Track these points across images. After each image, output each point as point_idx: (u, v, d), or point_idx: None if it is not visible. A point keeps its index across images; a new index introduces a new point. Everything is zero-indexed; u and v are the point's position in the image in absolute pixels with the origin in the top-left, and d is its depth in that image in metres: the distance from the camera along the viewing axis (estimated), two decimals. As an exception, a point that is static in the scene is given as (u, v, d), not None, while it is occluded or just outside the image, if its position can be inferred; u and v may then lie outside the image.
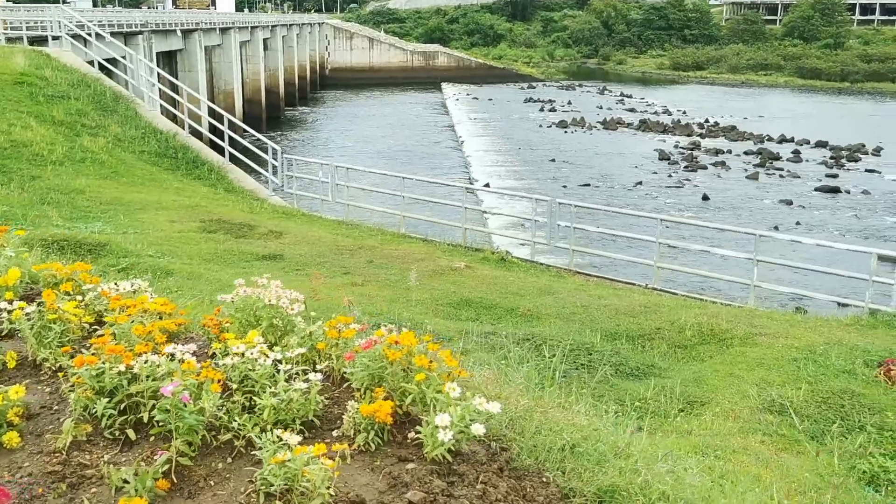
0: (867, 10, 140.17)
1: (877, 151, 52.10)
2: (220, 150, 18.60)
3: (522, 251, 18.04)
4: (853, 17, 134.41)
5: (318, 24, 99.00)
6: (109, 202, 13.23)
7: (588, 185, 40.90)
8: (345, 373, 2.80)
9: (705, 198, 37.89)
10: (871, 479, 5.45)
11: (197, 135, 19.61)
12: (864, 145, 53.26)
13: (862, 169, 46.83)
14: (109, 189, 14.03)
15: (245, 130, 20.63)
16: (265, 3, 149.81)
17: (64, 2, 79.71)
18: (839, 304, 12.31)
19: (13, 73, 18.27)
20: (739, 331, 8.98)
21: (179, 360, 2.58)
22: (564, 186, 40.21)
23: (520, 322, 9.73)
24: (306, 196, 18.18)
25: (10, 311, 2.90)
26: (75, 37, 23.03)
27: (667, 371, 7.92)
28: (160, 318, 2.97)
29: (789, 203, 37.43)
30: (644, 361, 8.12)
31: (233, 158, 18.64)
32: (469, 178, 42.89)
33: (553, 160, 48.13)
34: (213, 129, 20.11)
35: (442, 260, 12.56)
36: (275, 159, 17.49)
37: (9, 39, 24.58)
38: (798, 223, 33.60)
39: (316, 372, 2.63)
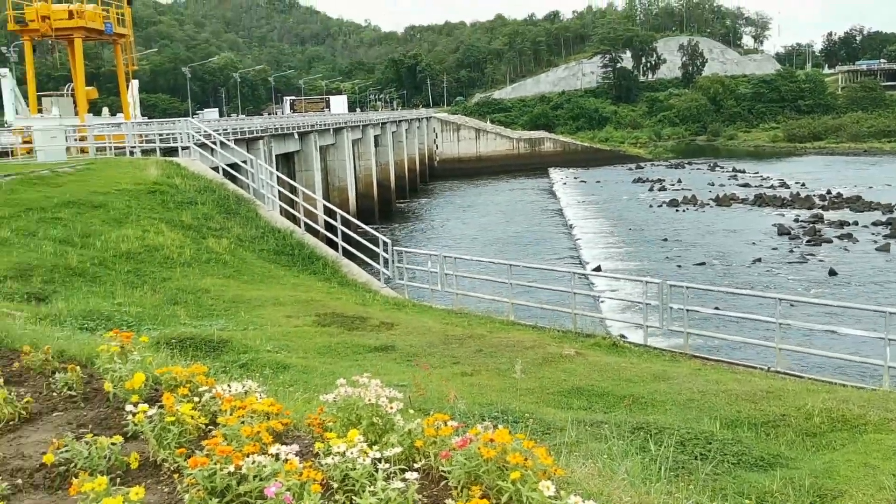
0: None
1: None
2: (334, 245, 19.30)
3: (635, 335, 17.65)
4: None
5: (426, 118, 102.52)
6: (231, 300, 13.88)
7: (703, 263, 39.85)
8: (442, 471, 2.84)
9: (832, 273, 36.17)
10: None
11: (312, 231, 20.47)
12: None
13: None
14: (232, 287, 14.75)
15: (358, 225, 21.37)
16: (376, 101, 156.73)
17: (195, 114, 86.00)
18: None
19: (147, 183, 19.77)
20: (873, 416, 8.42)
21: (283, 461, 2.69)
22: (679, 266, 39.32)
23: (634, 410, 9.47)
24: (416, 286, 18.52)
25: (134, 414, 3.12)
26: (202, 146, 24.75)
27: (794, 461, 7.49)
28: (268, 419, 3.11)
29: (926, 275, 35.25)
30: (768, 451, 7.71)
31: (346, 252, 19.27)
32: (580, 262, 42.61)
33: (665, 240, 47.31)
34: (327, 225, 20.96)
35: (552, 347, 12.43)
36: (385, 251, 17.98)
37: (144, 151, 26.68)
38: (937, 297, 31.50)
39: (414, 470, 2.68)
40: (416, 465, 2.85)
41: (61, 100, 35.73)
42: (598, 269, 38.50)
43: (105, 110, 40.25)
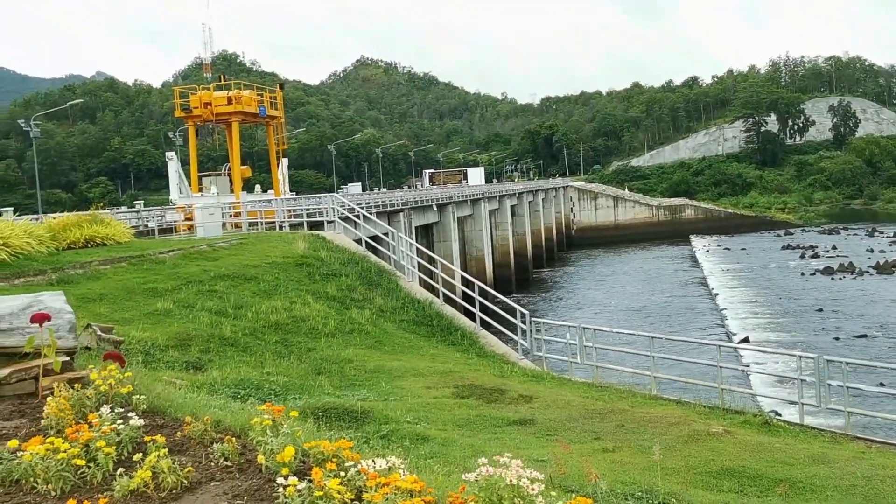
0: None
1: None
2: (472, 316, 19.45)
3: (789, 412, 16.63)
4: None
5: (563, 187, 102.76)
6: (373, 370, 14.20)
7: (864, 336, 37.29)
8: (585, 557, 2.77)
9: None
10: None
11: (450, 302, 20.75)
12: None
13: None
14: (373, 358, 15.10)
15: (494, 296, 21.48)
16: (512, 172, 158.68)
17: (339, 188, 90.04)
18: None
19: (295, 256, 20.76)
20: None
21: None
22: (836, 339, 36.98)
23: (791, 496, 8.89)
24: (555, 358, 18.29)
25: (285, 487, 3.25)
26: (346, 219, 25.83)
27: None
28: (411, 496, 3.16)
29: None
30: (946, 546, 7.02)
31: (484, 323, 19.37)
32: (726, 333, 40.86)
33: (820, 310, 44.70)
34: (465, 295, 21.20)
35: (697, 423, 11.89)
36: (523, 322, 17.93)
37: (292, 226, 28.13)
38: None
39: (556, 556, 2.64)
40: (558, 551, 2.80)
41: (219, 178, 38.40)
42: (745, 340, 36.76)
43: (257, 187, 42.90)
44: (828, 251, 71.79)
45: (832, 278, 56.69)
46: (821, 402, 12.98)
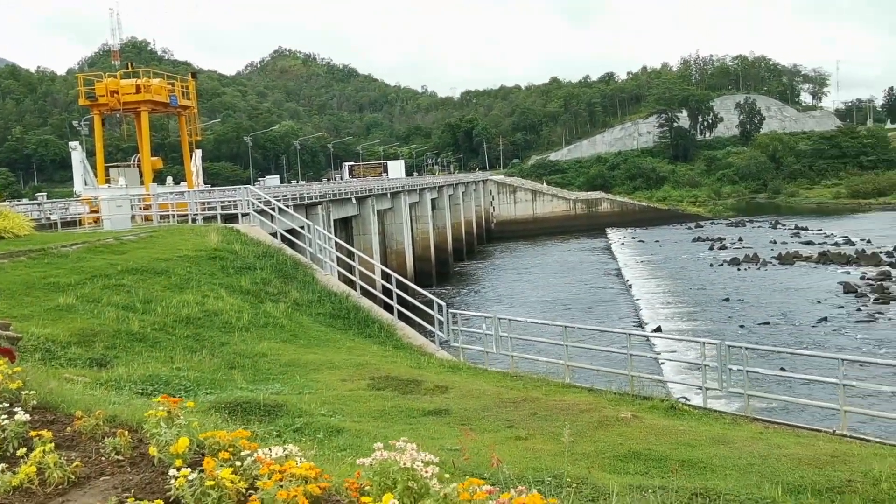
0: None
1: None
2: (391, 309, 19.45)
3: (697, 398, 17.21)
4: None
5: (482, 181, 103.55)
6: (287, 364, 14.04)
7: (767, 323, 38.89)
8: (475, 537, 2.82)
9: (902, 331, 34.92)
10: None
11: (369, 295, 20.67)
12: None
13: None
14: (288, 351, 14.93)
15: (415, 289, 21.52)
16: (433, 165, 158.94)
17: (256, 181, 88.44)
18: None
19: (208, 250, 20.32)
20: (946, 483, 8.04)
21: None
22: (741, 326, 38.44)
23: (692, 475, 9.21)
24: (472, 349, 18.45)
25: (175, 478, 3.19)
26: (261, 212, 25.42)
27: (861, 530, 7.18)
28: (306, 483, 3.15)
29: None
30: (833, 519, 7.41)
31: (402, 316, 19.38)
32: (639, 323, 41.98)
33: (727, 299, 46.38)
34: (384, 289, 21.18)
35: (608, 410, 12.20)
36: (440, 314, 18.02)
37: (206, 219, 27.51)
38: None
39: (446, 536, 2.67)
40: (449, 531, 2.84)
41: (128, 170, 37.22)
42: (657, 329, 37.86)
43: (169, 179, 41.75)
44: (735, 243, 74.51)
45: (738, 269, 58.87)
46: (723, 386, 13.49)
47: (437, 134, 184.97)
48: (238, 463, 3.41)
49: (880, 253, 59.81)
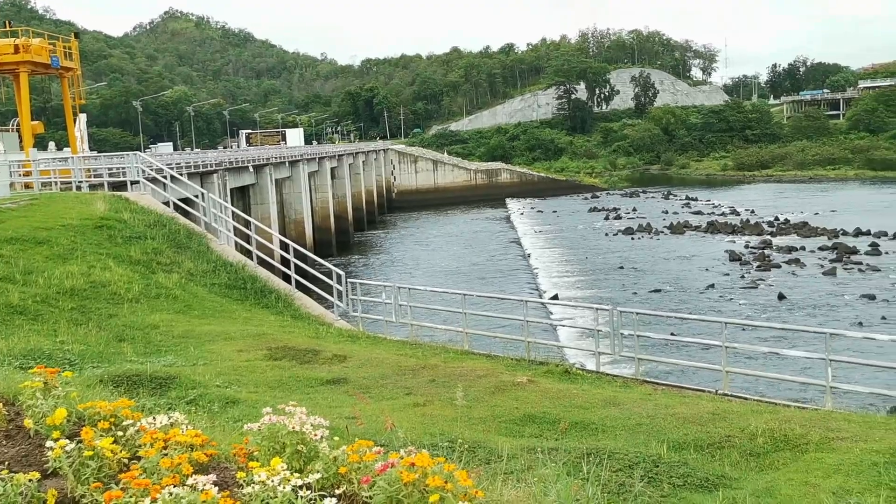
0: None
1: (961, 239, 50.27)
2: (289, 279, 19.18)
3: (591, 362, 17.76)
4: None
5: (383, 150, 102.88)
6: (181, 335, 13.67)
7: (658, 290, 40.37)
8: (364, 497, 2.82)
9: (781, 297, 36.91)
10: None
11: (268, 265, 20.31)
12: (946, 233, 51.54)
13: (946, 258, 45.10)
14: (181, 323, 14.53)
15: (314, 259, 21.26)
16: (332, 134, 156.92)
17: (147, 148, 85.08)
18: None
19: (94, 218, 19.44)
20: (814, 436, 8.57)
21: (200, 491, 2.65)
22: (634, 294, 39.77)
23: (585, 436, 9.51)
24: (371, 318, 18.44)
25: (52, 450, 3.05)
26: (153, 180, 24.48)
27: (738, 481, 7.58)
28: (192, 450, 3.07)
29: (872, 298, 36.10)
30: (713, 472, 7.79)
31: (301, 286, 19.15)
32: (537, 291, 42.86)
33: (621, 267, 47.86)
34: (282, 259, 20.84)
35: (504, 375, 12.44)
36: (339, 284, 17.90)
37: (91, 186, 26.29)
38: (884, 318, 32.26)
39: (334, 496, 2.66)
40: (337, 492, 2.83)
41: (6, 134, 35.15)
42: (554, 297, 38.76)
43: (51, 145, 39.68)
44: (629, 213, 76.81)
45: (632, 238, 60.79)
46: (615, 350, 13.97)
47: (337, 102, 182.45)
48: (120, 433, 3.29)
49: (763, 223, 62.91)
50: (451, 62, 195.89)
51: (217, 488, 2.69)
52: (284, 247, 20.51)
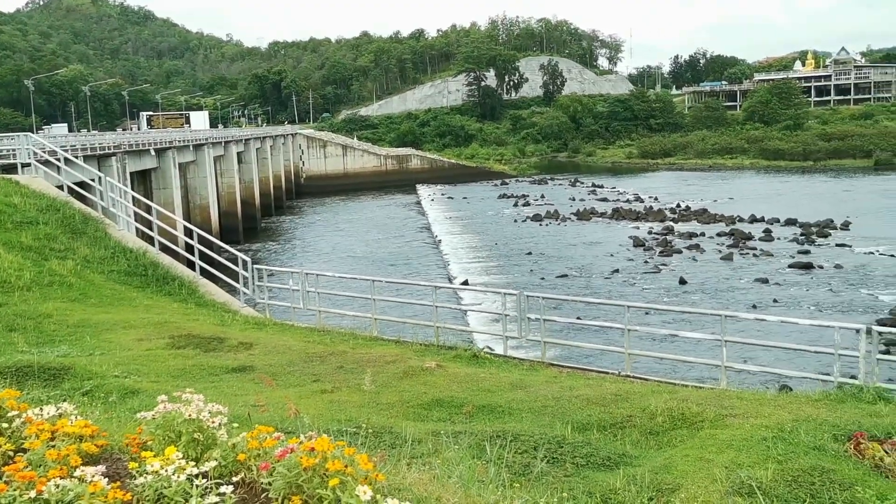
0: (822, 91, 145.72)
1: (845, 226, 53.19)
2: (193, 266, 18.66)
3: (499, 346, 17.99)
4: (809, 99, 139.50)
5: (292, 135, 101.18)
6: (76, 324, 13.13)
7: (566, 275, 41.22)
8: (264, 484, 2.77)
9: (682, 281, 38.24)
10: (842, 558, 5.36)
11: (169, 251, 19.69)
12: (832, 221, 54.38)
13: (832, 244, 47.65)
14: (77, 311, 13.96)
15: (219, 245, 20.75)
16: (239, 118, 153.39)
17: (40, 129, 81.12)
18: (822, 380, 12.27)
19: (-20, 203, 18.44)
20: (710, 413, 8.92)
21: (88, 483, 2.55)
22: (542, 279, 40.49)
23: (492, 419, 9.63)
24: (278, 305, 18.16)
25: (-73, 444, 2.88)
26: (46, 163, 23.35)
27: (638, 459, 7.82)
28: (80, 441, 2.95)
29: (765, 281, 37.83)
30: (615, 451, 8.02)
31: (205, 273, 18.67)
32: (447, 277, 43.11)
33: (530, 253, 48.62)
34: (187, 246, 20.23)
35: (413, 361, 12.47)
36: (245, 270, 17.54)
37: (-23, 169, 24.87)
38: (776, 301, 33.88)
39: (231, 484, 2.60)
40: (235, 480, 2.77)
41: None
42: (465, 283, 39.09)
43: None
44: (537, 200, 78.04)
45: (540, 224, 61.82)
46: (522, 334, 14.18)
47: (243, 85, 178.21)
48: (5, 425, 3.13)
49: (665, 210, 65.00)
50: (361, 47, 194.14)
51: (107, 479, 2.59)
52: (188, 233, 19.92)
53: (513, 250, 50.64)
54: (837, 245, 47.16)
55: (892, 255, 42.90)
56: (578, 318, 21.46)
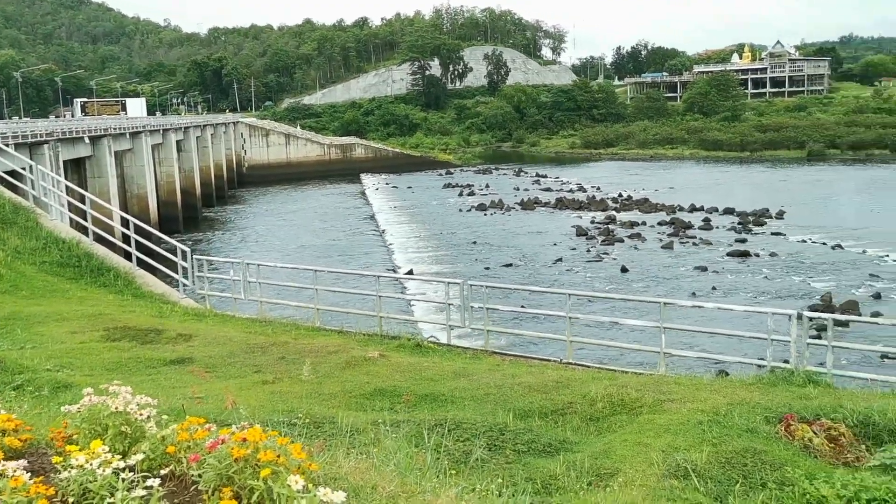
0: (758, 83, 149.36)
1: (780, 215, 54.69)
2: (130, 257, 18.24)
3: (443, 336, 18.04)
4: (746, 91, 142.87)
5: (233, 123, 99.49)
6: (7, 317, 12.73)
7: (510, 264, 41.48)
8: (193, 476, 2.72)
9: (624, 270, 38.83)
10: (772, 536, 5.51)
11: (105, 242, 19.20)
12: (767, 210, 55.84)
13: (768, 232, 48.94)
14: (7, 304, 13.53)
15: (158, 235, 20.29)
16: (178, 105, 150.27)
17: (-32, 116, 78.07)
18: (757, 364, 12.60)
19: None
20: (648, 399, 9.08)
21: (9, 478, 2.46)
22: (487, 268, 40.67)
23: (434, 407, 9.65)
24: (219, 296, 17.89)
25: None
26: (-27, 150, 22.57)
27: (578, 445, 7.92)
28: (4, 436, 2.84)
29: (704, 269, 38.67)
30: (556, 437, 8.11)
31: (143, 264, 18.27)
32: (392, 267, 43.02)
33: (475, 243, 48.79)
34: (124, 236, 19.75)
35: (356, 351, 12.42)
36: (185, 260, 17.21)
37: None
38: (714, 288, 34.65)
39: (159, 477, 2.54)
40: (163, 472, 2.71)
41: None
42: (409, 272, 39.04)
43: None
44: (482, 189, 78.29)
45: (485, 214, 62.07)
46: (465, 323, 14.23)
47: (182, 72, 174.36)
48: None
49: (608, 199, 65.88)
50: (304, 34, 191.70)
51: (29, 474, 2.51)
52: (125, 223, 19.45)
53: (458, 240, 50.76)
54: (773, 233, 48.45)
55: (824, 243, 44.25)
56: (522, 306, 21.62)
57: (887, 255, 40.64)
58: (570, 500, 6.30)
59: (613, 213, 58.81)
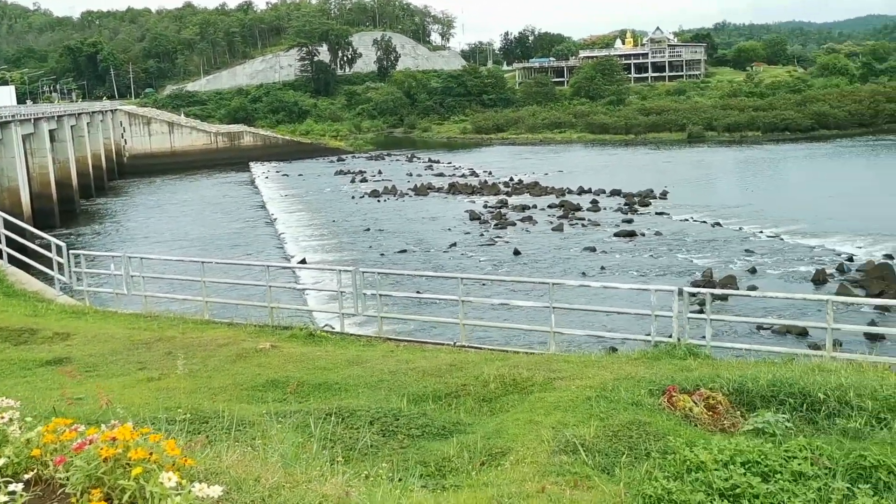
0: (641, 68, 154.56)
1: (664, 195, 56.90)
2: (0, 254, 17.23)
3: (338, 324, 17.90)
4: (630, 76, 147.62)
5: (111, 111, 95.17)
6: None
7: (405, 251, 41.53)
8: (60, 479, 2.59)
9: (517, 252, 39.54)
10: (656, 502, 5.72)
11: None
12: (652, 190, 57.98)
13: (653, 212, 50.84)
14: None
15: (31, 231, 19.23)
16: (50, 93, 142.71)
17: None
18: (642, 340, 13.05)
19: None
20: (539, 377, 9.28)
21: None
22: (382, 255, 40.58)
23: (328, 396, 9.58)
24: (100, 292, 17.16)
25: None
26: None
27: (471, 426, 8.02)
28: None
29: (593, 250, 39.82)
30: (450, 420, 8.18)
31: (15, 261, 17.30)
32: (285, 256, 42.32)
33: (368, 230, 48.58)
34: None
35: (247, 343, 12.17)
36: (60, 256, 16.39)
37: None
38: (603, 268, 35.73)
39: (22, 482, 2.40)
40: (27, 477, 2.56)
41: None
42: (302, 261, 38.51)
43: None
44: (375, 176, 77.95)
45: (379, 200, 61.86)
46: (358, 311, 14.16)
47: (54, 58, 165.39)
48: None
49: (499, 184, 66.81)
50: (185, 18, 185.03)
51: None
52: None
53: (351, 227, 50.41)
54: (657, 213, 50.35)
55: (705, 222, 46.35)
56: (418, 291, 21.69)
57: (761, 231, 42.98)
58: (463, 480, 6.37)
59: (505, 197, 59.68)
